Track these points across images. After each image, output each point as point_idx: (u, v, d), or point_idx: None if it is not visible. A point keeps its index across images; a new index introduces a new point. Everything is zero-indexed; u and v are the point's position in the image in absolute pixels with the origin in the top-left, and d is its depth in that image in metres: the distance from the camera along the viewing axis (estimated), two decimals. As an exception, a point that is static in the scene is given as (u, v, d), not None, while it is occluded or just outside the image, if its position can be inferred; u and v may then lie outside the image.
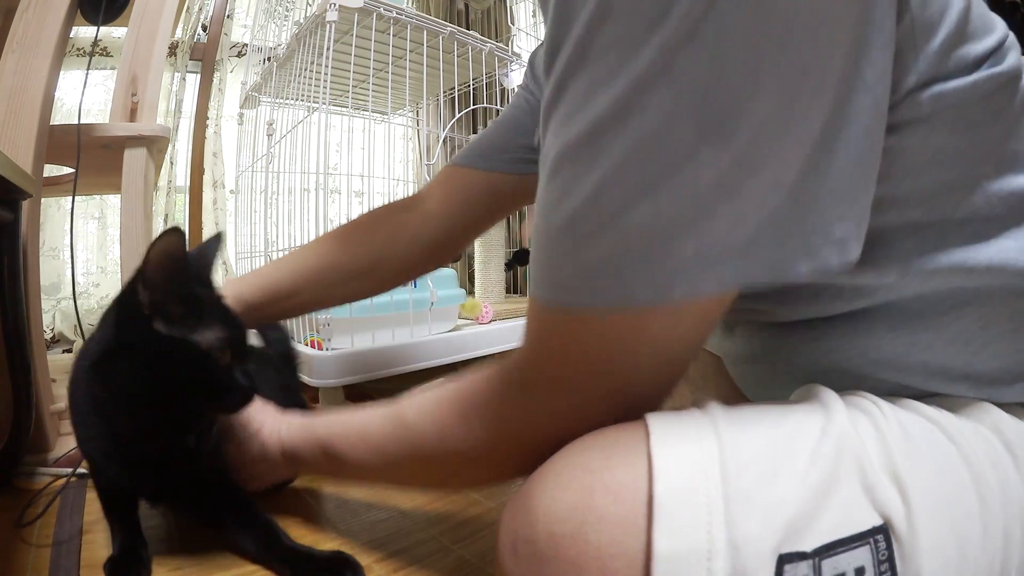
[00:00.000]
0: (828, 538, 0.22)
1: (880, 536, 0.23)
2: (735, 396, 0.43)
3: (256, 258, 1.39)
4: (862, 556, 0.22)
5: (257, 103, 1.47)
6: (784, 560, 0.21)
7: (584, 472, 0.25)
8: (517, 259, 1.99)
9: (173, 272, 0.40)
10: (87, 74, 0.88)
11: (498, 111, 2.14)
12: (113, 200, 1.68)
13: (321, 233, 1.00)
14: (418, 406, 0.37)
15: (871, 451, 0.25)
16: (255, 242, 1.40)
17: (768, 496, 0.22)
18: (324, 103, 1.01)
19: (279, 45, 1.32)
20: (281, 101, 1.27)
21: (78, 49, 1.52)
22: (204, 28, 1.83)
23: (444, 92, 1.71)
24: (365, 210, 0.80)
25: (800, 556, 0.21)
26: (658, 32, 0.21)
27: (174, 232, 0.39)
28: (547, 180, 0.26)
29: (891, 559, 0.22)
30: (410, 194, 0.71)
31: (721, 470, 0.23)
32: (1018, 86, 0.28)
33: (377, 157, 1.62)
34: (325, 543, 0.52)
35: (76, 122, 0.82)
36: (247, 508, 0.50)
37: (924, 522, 0.23)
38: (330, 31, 1.01)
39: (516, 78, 1.85)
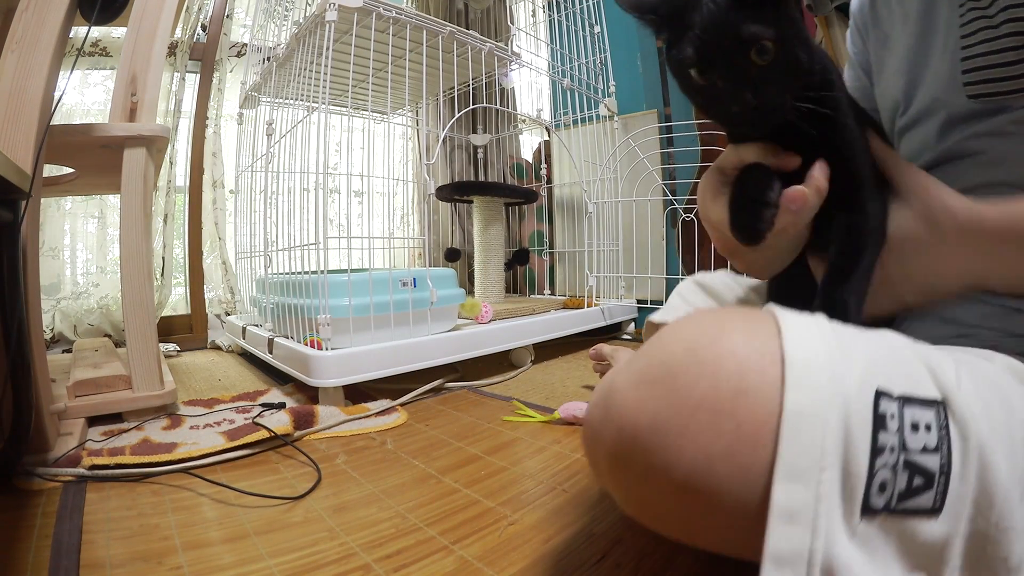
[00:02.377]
0: (906, 391, 0.27)
1: (941, 408, 0.27)
2: None
3: (256, 258, 1.39)
4: (930, 416, 0.26)
5: (257, 103, 1.48)
6: (880, 394, 0.26)
7: (712, 321, 0.29)
8: (517, 259, 1.99)
9: None
10: (70, 74, 0.88)
11: (497, 111, 2.14)
12: (113, 200, 1.68)
13: (321, 233, 1.00)
14: None
15: (932, 353, 0.30)
16: (255, 242, 1.40)
17: (862, 346, 0.28)
18: (324, 103, 1.01)
19: (279, 45, 1.32)
20: (281, 101, 1.27)
21: (78, 49, 1.52)
22: (204, 28, 1.83)
23: (444, 92, 1.71)
24: (365, 210, 0.77)
25: (889, 396, 0.26)
26: None
27: None
28: None
29: (948, 429, 0.26)
30: (409, 194, 0.69)
31: (831, 327, 0.29)
32: None
33: (377, 157, 1.62)
34: (324, 543, 0.52)
35: (76, 122, 0.82)
36: None
37: (975, 414, 0.27)
38: (330, 31, 1.01)
39: (515, 78, 1.85)
